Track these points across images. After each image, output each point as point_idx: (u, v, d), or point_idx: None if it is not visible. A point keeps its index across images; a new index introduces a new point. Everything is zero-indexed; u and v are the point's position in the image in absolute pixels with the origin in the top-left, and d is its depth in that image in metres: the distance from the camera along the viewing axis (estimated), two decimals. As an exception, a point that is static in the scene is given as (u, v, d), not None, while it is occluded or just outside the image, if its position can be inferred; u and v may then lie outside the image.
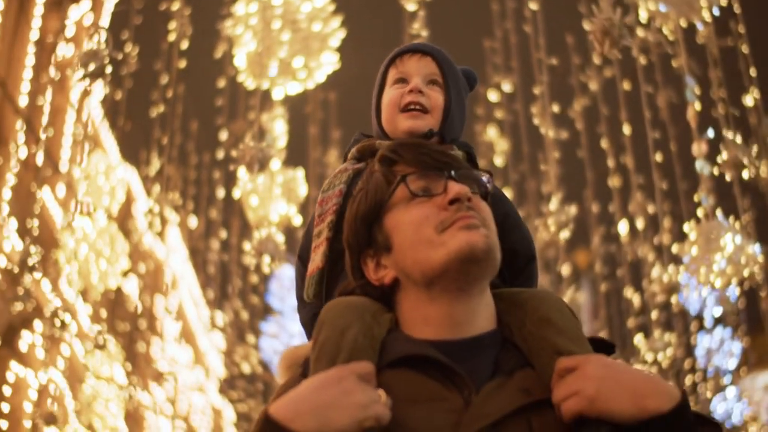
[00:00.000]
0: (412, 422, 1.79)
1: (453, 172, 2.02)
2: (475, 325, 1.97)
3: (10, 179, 14.30)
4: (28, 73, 15.33)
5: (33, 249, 9.12)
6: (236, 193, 8.76)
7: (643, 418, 1.73)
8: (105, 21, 16.51)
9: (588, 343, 2.00)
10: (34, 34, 15.74)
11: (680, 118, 11.17)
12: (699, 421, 1.82)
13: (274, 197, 8.26)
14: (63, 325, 10.28)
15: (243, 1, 8.23)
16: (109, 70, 7.42)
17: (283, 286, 12.51)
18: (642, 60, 9.35)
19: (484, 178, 2.10)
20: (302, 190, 8.67)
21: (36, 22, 15.82)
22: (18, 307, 11.48)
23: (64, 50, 16.56)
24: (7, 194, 14.29)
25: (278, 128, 9.53)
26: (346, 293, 2.16)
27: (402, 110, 2.73)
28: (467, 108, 2.94)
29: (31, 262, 9.07)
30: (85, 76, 7.43)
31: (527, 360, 1.93)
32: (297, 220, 8.88)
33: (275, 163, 8.44)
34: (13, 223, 14.24)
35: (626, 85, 11.27)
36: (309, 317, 2.68)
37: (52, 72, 16.01)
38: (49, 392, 14.93)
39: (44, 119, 15.85)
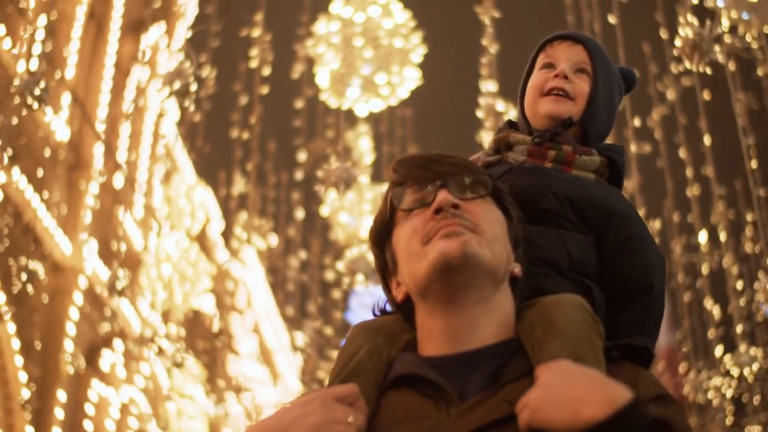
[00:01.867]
0: None
1: (447, 181, 2.00)
2: (477, 337, 1.92)
3: (90, 201, 14.56)
4: (105, 98, 15.61)
5: (121, 273, 9.23)
6: (324, 211, 8.80)
7: (578, 428, 1.63)
8: (179, 44, 16.78)
9: (591, 347, 1.90)
10: (110, 59, 16.01)
11: (759, 125, 11.05)
12: (660, 426, 1.71)
13: (364, 213, 8.29)
14: (160, 350, 10.38)
15: (324, 19, 8.28)
16: (194, 88, 7.51)
17: (363, 303, 12.48)
18: (730, 67, 9.22)
19: (485, 179, 2.05)
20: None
21: (112, 47, 16.10)
22: (105, 328, 11.65)
23: (140, 74, 16.85)
24: (88, 217, 14.54)
25: (363, 145, 9.56)
26: (381, 311, 2.21)
27: (545, 95, 2.62)
28: (618, 105, 2.80)
29: (119, 286, 9.18)
30: (170, 95, 7.52)
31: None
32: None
33: (363, 179, 8.46)
34: (93, 245, 14.49)
35: (706, 95, 11.12)
36: None
37: (131, 95, 16.32)
38: (131, 411, 15.12)
39: (123, 142, 16.15)
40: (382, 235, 2.10)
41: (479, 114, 9.04)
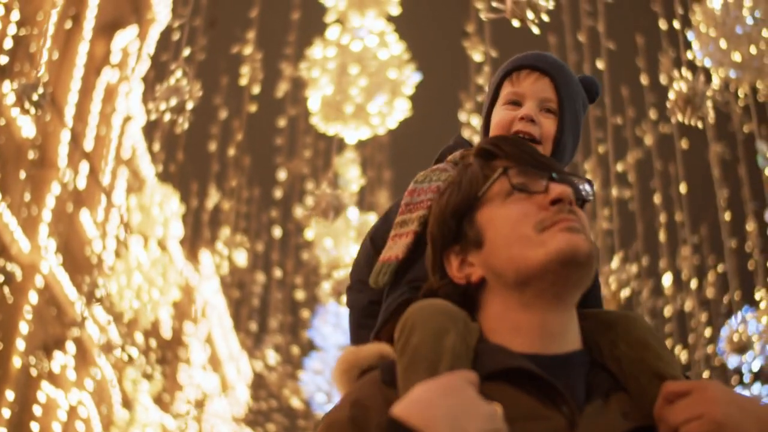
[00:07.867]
0: None
1: (554, 174, 1.93)
2: (567, 341, 1.85)
3: (53, 202, 14.46)
4: (74, 97, 15.49)
5: (101, 281, 9.10)
6: (309, 234, 8.77)
7: None
8: (151, 47, 16.71)
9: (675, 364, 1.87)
10: (81, 59, 15.89)
11: (729, 175, 11.25)
12: None
13: (349, 240, 8.28)
14: (130, 359, 10.28)
15: (320, 44, 8.29)
16: (190, 106, 7.46)
17: (328, 322, 12.41)
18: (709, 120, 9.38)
19: (585, 186, 1.98)
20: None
21: (84, 47, 15.97)
22: (75, 333, 11.52)
23: (110, 76, 16.75)
24: (48, 216, 14.42)
25: (352, 172, 9.53)
26: (430, 294, 1.99)
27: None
28: (582, 122, 2.68)
29: (99, 294, 9.04)
30: (165, 111, 7.46)
31: (618, 383, 1.81)
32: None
33: (350, 210, 8.43)
34: (52, 245, 14.36)
35: (684, 144, 11.24)
36: (365, 303, 2.54)
37: (100, 96, 16.22)
38: (79, 414, 14.96)
39: (89, 143, 16.05)
40: (465, 206, 1.97)
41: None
